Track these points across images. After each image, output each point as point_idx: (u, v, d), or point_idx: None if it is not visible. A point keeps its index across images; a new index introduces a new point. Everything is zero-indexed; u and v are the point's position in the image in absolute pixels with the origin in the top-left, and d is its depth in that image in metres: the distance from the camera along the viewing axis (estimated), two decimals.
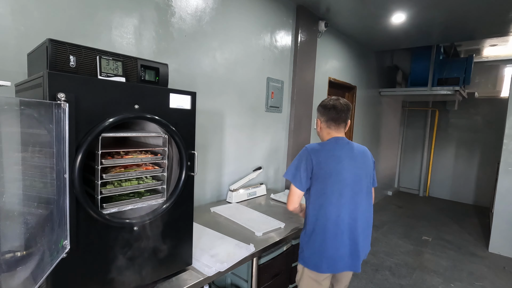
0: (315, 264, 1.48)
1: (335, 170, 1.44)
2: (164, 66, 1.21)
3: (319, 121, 1.61)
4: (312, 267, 1.49)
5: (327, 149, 1.49)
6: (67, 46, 0.95)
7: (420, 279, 3.01)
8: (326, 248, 1.45)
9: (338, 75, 3.98)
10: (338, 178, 1.43)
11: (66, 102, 0.84)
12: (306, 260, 1.52)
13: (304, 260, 1.52)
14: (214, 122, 2.34)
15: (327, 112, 1.57)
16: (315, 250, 1.48)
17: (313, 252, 1.48)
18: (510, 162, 3.70)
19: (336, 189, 1.43)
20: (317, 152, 1.47)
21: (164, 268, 1.19)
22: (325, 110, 1.57)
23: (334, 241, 1.45)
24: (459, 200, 6.28)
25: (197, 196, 2.19)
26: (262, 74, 2.75)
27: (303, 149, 1.51)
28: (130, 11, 1.72)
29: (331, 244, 1.45)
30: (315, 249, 1.48)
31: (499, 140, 3.98)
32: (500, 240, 3.75)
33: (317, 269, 1.48)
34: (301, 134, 3.28)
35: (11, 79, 1.21)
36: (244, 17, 2.47)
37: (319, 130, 1.62)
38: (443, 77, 5.08)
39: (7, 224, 0.92)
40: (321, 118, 1.60)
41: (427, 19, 3.38)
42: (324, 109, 1.58)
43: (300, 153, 1.50)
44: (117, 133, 1.07)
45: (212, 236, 1.62)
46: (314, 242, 1.48)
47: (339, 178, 1.44)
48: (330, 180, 1.43)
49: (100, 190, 1.00)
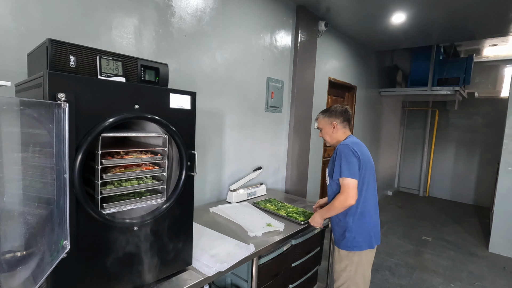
0: (369, 242, 1.68)
1: (367, 158, 1.69)
2: (164, 66, 1.21)
3: (335, 123, 1.77)
4: (367, 246, 1.68)
5: (358, 143, 1.72)
6: (67, 46, 0.95)
7: (420, 279, 3.01)
8: (373, 225, 1.71)
9: (338, 75, 3.98)
10: (370, 165, 1.70)
11: (66, 102, 0.84)
12: (361, 244, 1.67)
13: (359, 245, 1.67)
14: (214, 122, 2.34)
15: (342, 114, 1.79)
16: (368, 231, 1.68)
17: (366, 233, 1.67)
18: (510, 162, 3.70)
19: (371, 174, 1.70)
20: (356, 145, 1.66)
21: (164, 268, 1.19)
22: (341, 113, 1.79)
23: (376, 217, 1.73)
24: (459, 200, 6.28)
25: (197, 196, 2.19)
26: (262, 74, 2.75)
27: (343, 147, 1.64)
28: (130, 11, 1.72)
29: (375, 221, 1.72)
30: (367, 229, 1.68)
31: (499, 140, 3.98)
32: (500, 240, 3.75)
33: (370, 246, 1.69)
34: (301, 134, 3.28)
35: (11, 79, 1.21)
36: (244, 17, 2.47)
37: (334, 132, 1.79)
38: (443, 77, 5.08)
39: (7, 224, 0.93)
40: (337, 120, 1.78)
41: (427, 19, 3.38)
42: (339, 112, 1.79)
43: (344, 151, 1.63)
44: (117, 133, 1.07)
45: (212, 236, 1.62)
46: (364, 224, 1.67)
47: (370, 165, 1.70)
48: (367, 167, 1.67)
49: (100, 190, 1.00)
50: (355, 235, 1.67)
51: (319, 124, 1.86)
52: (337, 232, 1.76)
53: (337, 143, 1.78)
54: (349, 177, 1.57)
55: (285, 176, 3.24)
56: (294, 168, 3.24)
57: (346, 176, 1.58)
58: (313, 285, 2.19)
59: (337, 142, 1.78)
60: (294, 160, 3.22)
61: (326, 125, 1.80)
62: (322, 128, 1.84)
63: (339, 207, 1.61)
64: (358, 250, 1.68)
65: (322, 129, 1.84)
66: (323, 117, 1.83)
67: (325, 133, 1.82)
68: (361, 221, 1.68)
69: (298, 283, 1.97)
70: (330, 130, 1.79)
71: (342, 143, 1.69)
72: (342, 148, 1.64)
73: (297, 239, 1.91)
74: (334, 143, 1.81)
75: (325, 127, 1.81)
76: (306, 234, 2.00)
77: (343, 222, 1.70)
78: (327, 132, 1.81)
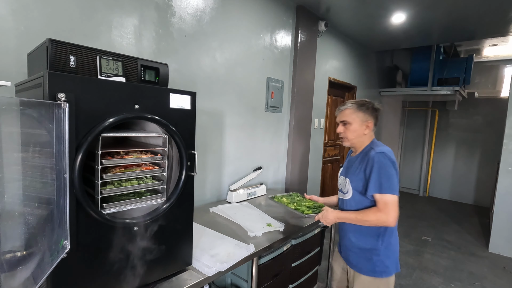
0: (396, 265, 1.48)
1: None
2: (164, 66, 1.21)
3: (370, 124, 1.47)
4: (395, 269, 1.47)
5: (391, 151, 1.44)
6: (67, 46, 0.95)
7: (420, 279, 3.01)
8: (398, 245, 1.50)
9: (338, 75, 3.97)
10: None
11: (66, 102, 0.84)
12: (389, 269, 1.44)
13: (388, 270, 1.44)
14: (214, 122, 2.34)
15: (377, 116, 1.50)
16: (395, 251, 1.47)
17: (394, 255, 1.46)
18: (510, 162, 3.70)
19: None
20: (392, 155, 1.40)
21: (164, 268, 1.19)
22: (377, 114, 1.50)
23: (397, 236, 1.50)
24: (459, 200, 6.28)
25: (197, 196, 2.19)
26: (262, 74, 2.75)
27: (381, 157, 1.35)
28: (130, 11, 1.72)
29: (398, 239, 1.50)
30: (394, 250, 1.46)
31: (499, 140, 3.99)
32: (500, 240, 3.75)
33: (397, 269, 1.48)
34: (301, 134, 3.28)
35: (11, 79, 1.21)
36: (244, 17, 2.47)
37: (365, 133, 1.47)
38: (443, 77, 5.08)
39: (7, 224, 0.93)
40: (373, 121, 1.48)
41: (427, 19, 3.38)
42: (376, 112, 1.49)
43: (383, 161, 1.34)
44: (117, 133, 1.07)
45: (212, 236, 1.62)
46: (392, 245, 1.45)
47: None
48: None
49: (100, 190, 1.00)
50: (384, 258, 1.42)
51: (348, 117, 1.48)
52: (359, 255, 1.47)
53: (357, 145, 1.50)
54: (390, 193, 1.31)
55: (285, 176, 3.24)
56: (294, 168, 3.24)
57: (387, 192, 1.31)
58: (313, 285, 2.19)
59: (358, 145, 1.50)
60: (294, 160, 3.22)
61: (358, 121, 1.46)
62: (350, 122, 1.47)
63: (369, 223, 1.35)
64: (386, 276, 1.44)
65: (349, 124, 1.47)
66: (357, 111, 1.47)
67: (352, 129, 1.47)
68: (389, 241, 1.44)
69: (298, 283, 1.98)
70: (361, 129, 1.46)
71: (378, 151, 1.37)
72: (380, 158, 1.35)
73: (297, 239, 1.91)
74: (354, 144, 1.50)
75: (356, 124, 1.46)
76: (306, 234, 2.00)
77: (369, 243, 1.44)
78: (355, 129, 1.46)
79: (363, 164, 1.41)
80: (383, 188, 1.32)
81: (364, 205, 1.42)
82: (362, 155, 1.45)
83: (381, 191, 1.32)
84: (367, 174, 1.37)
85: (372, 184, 1.34)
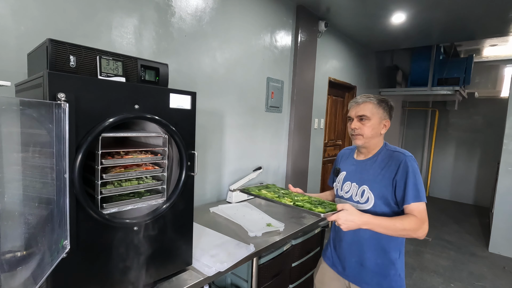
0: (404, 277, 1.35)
1: None
2: (164, 66, 1.21)
3: (388, 123, 1.35)
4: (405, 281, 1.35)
5: None
6: (67, 46, 0.95)
7: (420, 279, 3.01)
8: None
9: (338, 75, 3.97)
10: None
11: (66, 102, 0.84)
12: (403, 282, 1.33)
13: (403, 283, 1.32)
14: (214, 122, 2.34)
15: (392, 112, 1.38)
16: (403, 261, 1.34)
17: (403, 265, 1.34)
18: (510, 162, 3.70)
19: None
20: None
21: (164, 268, 1.19)
22: (392, 112, 1.37)
23: None
24: (459, 200, 6.28)
25: (197, 196, 2.19)
26: (262, 74, 2.75)
27: (412, 161, 1.25)
28: (130, 11, 1.72)
29: None
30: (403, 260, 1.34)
31: (499, 140, 3.98)
32: (500, 240, 3.75)
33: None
34: (301, 134, 3.28)
35: (11, 79, 1.21)
36: (244, 17, 2.47)
37: (381, 132, 1.35)
38: (443, 77, 5.08)
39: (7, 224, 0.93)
40: (389, 121, 1.36)
41: (427, 19, 3.38)
42: (392, 110, 1.37)
43: (415, 166, 1.24)
44: (117, 133, 1.07)
45: (212, 236, 1.62)
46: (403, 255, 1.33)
47: None
48: None
49: (100, 190, 1.00)
50: (400, 271, 1.30)
51: (368, 111, 1.31)
52: (376, 272, 1.30)
53: (371, 146, 1.36)
54: (425, 201, 1.21)
55: (285, 176, 3.24)
56: (294, 168, 3.24)
57: (423, 200, 1.20)
58: (313, 285, 2.19)
59: (372, 146, 1.36)
60: (294, 160, 3.22)
61: (378, 118, 1.32)
62: (370, 118, 1.31)
63: (403, 234, 1.17)
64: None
65: (368, 120, 1.31)
66: (378, 106, 1.32)
67: (370, 126, 1.31)
68: (403, 252, 1.33)
69: (298, 283, 1.98)
70: (379, 128, 1.33)
71: (408, 154, 1.27)
72: (413, 163, 1.24)
73: (297, 239, 1.91)
74: (368, 144, 1.35)
75: (375, 120, 1.31)
76: (306, 234, 2.00)
77: (390, 256, 1.29)
78: (374, 127, 1.31)
79: (389, 169, 1.27)
80: (420, 196, 1.20)
81: (386, 215, 1.26)
82: (384, 158, 1.32)
83: (420, 199, 1.20)
84: (400, 181, 1.23)
85: (411, 193, 1.20)
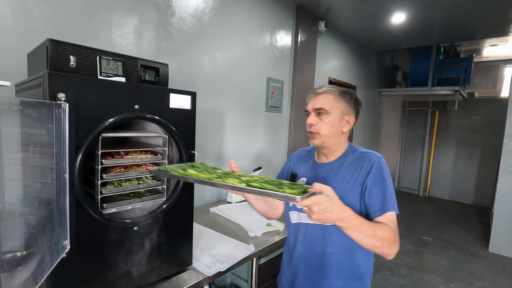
0: None
1: None
2: (164, 66, 1.21)
3: (352, 119, 1.10)
4: None
5: None
6: (67, 46, 0.95)
7: (420, 279, 3.01)
8: None
9: (338, 75, 3.97)
10: None
11: (66, 102, 0.84)
12: None
13: None
14: (214, 122, 2.34)
15: (359, 109, 1.14)
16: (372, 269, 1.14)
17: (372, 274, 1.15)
18: (510, 162, 3.70)
19: None
20: None
21: (164, 268, 1.19)
22: (359, 107, 1.13)
23: None
24: (459, 200, 6.28)
25: (197, 196, 2.18)
26: (262, 74, 2.75)
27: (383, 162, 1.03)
28: (130, 11, 1.72)
29: None
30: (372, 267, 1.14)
31: (499, 140, 3.98)
32: (500, 240, 3.75)
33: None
34: (301, 134, 3.28)
35: (11, 79, 1.21)
36: (244, 17, 2.47)
37: (343, 129, 1.09)
38: (443, 77, 5.08)
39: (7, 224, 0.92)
40: (354, 117, 1.11)
41: (427, 19, 3.38)
42: (359, 105, 1.13)
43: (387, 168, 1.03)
44: (117, 133, 1.07)
45: (212, 236, 1.62)
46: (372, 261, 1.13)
47: None
48: None
49: (100, 190, 1.00)
50: (368, 281, 1.10)
51: (326, 104, 1.07)
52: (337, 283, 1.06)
53: (331, 147, 1.10)
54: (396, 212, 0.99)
55: None
56: None
57: (396, 209, 0.98)
58: None
59: (332, 146, 1.10)
60: None
61: (339, 113, 1.07)
62: (328, 112, 1.06)
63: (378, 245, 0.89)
64: None
65: (326, 114, 1.06)
66: (339, 98, 1.08)
67: (329, 122, 1.06)
68: (371, 259, 1.12)
69: None
70: (340, 125, 1.08)
71: (380, 156, 1.05)
72: (386, 166, 1.03)
73: None
74: (327, 144, 1.09)
75: (335, 115, 1.06)
76: None
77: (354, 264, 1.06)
78: (333, 123, 1.06)
79: (360, 173, 1.03)
80: (395, 205, 0.99)
81: None
82: (353, 160, 1.07)
83: (395, 208, 0.98)
84: (373, 185, 0.99)
85: (389, 200, 0.97)
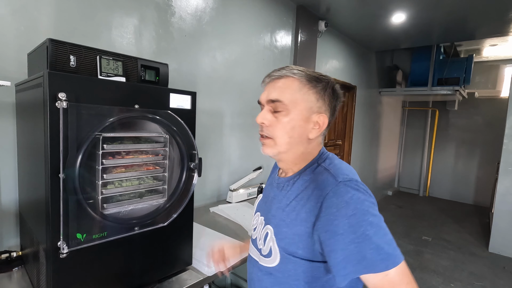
0: None
1: None
2: (164, 66, 1.20)
3: (324, 118, 0.76)
4: None
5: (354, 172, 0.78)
6: (67, 46, 0.95)
7: (420, 279, 3.01)
8: None
9: (338, 75, 3.97)
10: None
11: (67, 102, 0.84)
12: None
13: None
14: (214, 122, 2.34)
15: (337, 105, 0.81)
16: None
17: None
18: (510, 162, 3.70)
19: None
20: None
21: (164, 268, 1.19)
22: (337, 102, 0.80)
23: None
24: (459, 200, 6.28)
25: (197, 196, 2.19)
26: (262, 74, 2.74)
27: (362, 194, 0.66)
28: (130, 11, 1.72)
29: None
30: None
31: (499, 140, 3.98)
32: (500, 240, 3.75)
33: None
34: None
35: (11, 79, 1.21)
36: (244, 17, 2.47)
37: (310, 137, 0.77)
38: (443, 77, 5.08)
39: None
40: (328, 115, 0.78)
41: (427, 19, 3.38)
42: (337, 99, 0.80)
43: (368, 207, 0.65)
44: (117, 133, 1.07)
45: (212, 236, 1.62)
46: None
47: None
48: None
49: (101, 191, 1.00)
50: None
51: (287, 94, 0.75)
52: None
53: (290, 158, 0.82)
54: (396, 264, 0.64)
55: None
56: None
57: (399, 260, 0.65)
58: None
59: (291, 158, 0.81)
60: None
61: (303, 108, 0.75)
62: (288, 107, 0.75)
63: None
64: None
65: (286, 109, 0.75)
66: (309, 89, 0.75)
67: (288, 122, 0.76)
68: None
69: None
70: (307, 127, 0.76)
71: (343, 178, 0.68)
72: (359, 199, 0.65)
73: None
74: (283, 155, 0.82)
75: (299, 112, 0.75)
76: None
77: None
78: (293, 124, 0.75)
79: (304, 206, 0.71)
80: (390, 257, 0.64)
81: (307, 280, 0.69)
82: (304, 182, 0.75)
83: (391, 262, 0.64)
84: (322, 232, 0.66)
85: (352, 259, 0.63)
